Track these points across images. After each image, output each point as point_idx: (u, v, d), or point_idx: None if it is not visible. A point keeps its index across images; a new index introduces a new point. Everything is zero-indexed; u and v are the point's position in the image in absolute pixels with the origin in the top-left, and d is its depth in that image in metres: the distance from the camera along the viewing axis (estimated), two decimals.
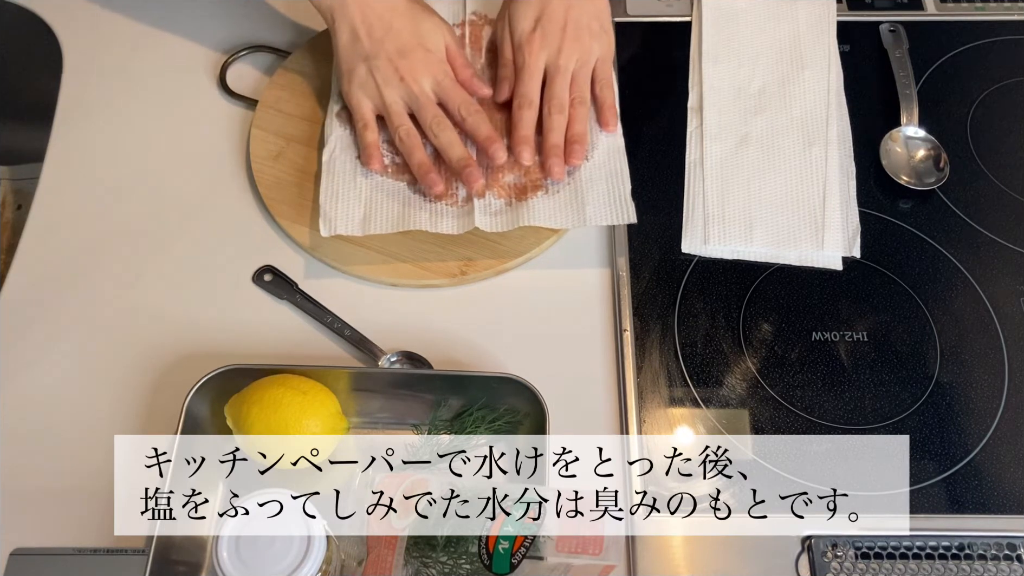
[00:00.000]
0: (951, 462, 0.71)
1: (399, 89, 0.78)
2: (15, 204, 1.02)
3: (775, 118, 0.86)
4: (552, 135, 0.78)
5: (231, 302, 0.77)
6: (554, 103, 0.79)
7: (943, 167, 0.85)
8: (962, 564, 0.66)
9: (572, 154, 0.78)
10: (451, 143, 0.77)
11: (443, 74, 0.79)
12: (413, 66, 0.78)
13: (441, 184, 0.77)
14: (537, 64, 0.80)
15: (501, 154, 0.77)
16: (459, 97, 0.79)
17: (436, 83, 0.79)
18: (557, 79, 0.79)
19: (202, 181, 0.84)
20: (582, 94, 0.80)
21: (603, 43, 0.82)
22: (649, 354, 0.75)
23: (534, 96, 0.79)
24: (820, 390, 0.74)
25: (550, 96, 0.79)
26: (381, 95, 0.78)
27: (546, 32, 0.80)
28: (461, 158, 0.77)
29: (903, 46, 0.92)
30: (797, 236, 0.80)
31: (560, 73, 0.79)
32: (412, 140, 0.78)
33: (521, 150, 0.77)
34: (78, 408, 0.72)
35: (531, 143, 0.78)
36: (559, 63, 0.79)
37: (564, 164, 0.77)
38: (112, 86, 0.89)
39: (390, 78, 0.77)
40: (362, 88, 0.78)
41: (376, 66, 0.77)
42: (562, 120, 0.78)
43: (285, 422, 0.64)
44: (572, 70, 0.80)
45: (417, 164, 0.77)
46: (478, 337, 0.76)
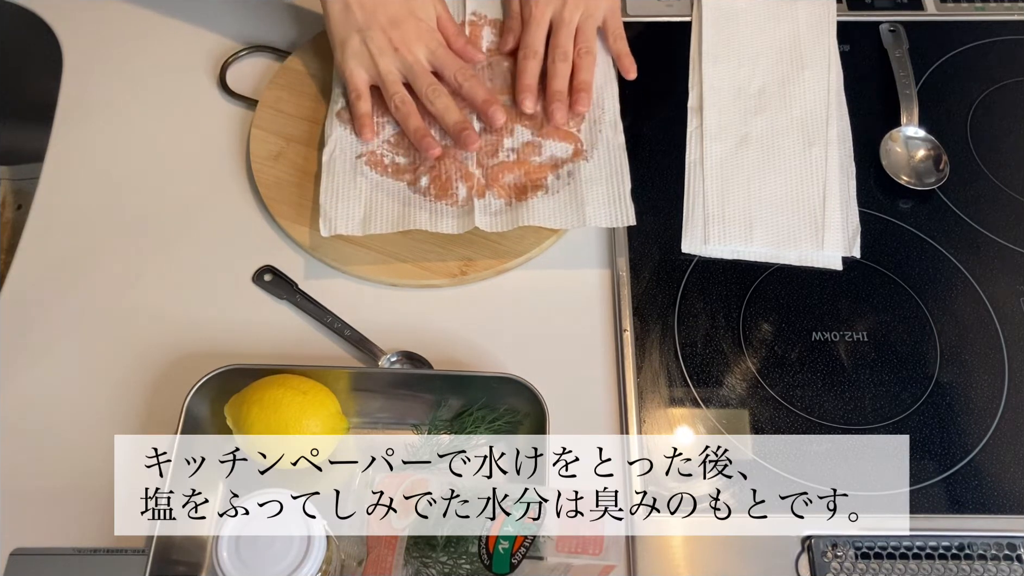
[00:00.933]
0: (951, 462, 0.71)
1: (394, 59, 0.79)
2: (15, 204, 1.02)
3: (775, 118, 0.86)
4: (555, 81, 0.80)
5: (231, 302, 0.77)
6: (558, 52, 0.81)
7: (943, 167, 0.85)
8: (962, 564, 0.66)
9: (578, 101, 0.80)
10: (447, 108, 0.79)
11: (436, 43, 0.81)
12: (406, 36, 0.79)
13: (439, 147, 0.78)
14: (543, 16, 0.82)
15: (500, 116, 0.79)
16: (454, 64, 0.80)
17: (430, 52, 0.80)
18: (562, 30, 0.82)
19: (202, 181, 0.84)
20: (588, 44, 0.82)
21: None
22: (649, 354, 0.75)
23: (538, 47, 0.82)
24: (820, 390, 0.74)
25: (554, 46, 0.82)
26: (376, 65, 0.79)
27: None
28: (458, 122, 0.78)
29: (903, 46, 0.92)
30: (797, 236, 0.80)
31: (565, 24, 0.82)
32: (408, 107, 0.79)
33: (524, 97, 0.80)
34: (78, 408, 0.72)
35: (535, 92, 0.81)
36: (564, 16, 0.82)
37: (567, 110, 0.80)
38: (112, 86, 0.89)
39: (384, 48, 0.78)
40: (356, 58, 0.79)
41: (370, 37, 0.78)
42: (565, 68, 0.81)
43: (285, 422, 0.64)
44: (577, 22, 0.82)
45: (414, 129, 0.79)
46: (478, 337, 0.76)
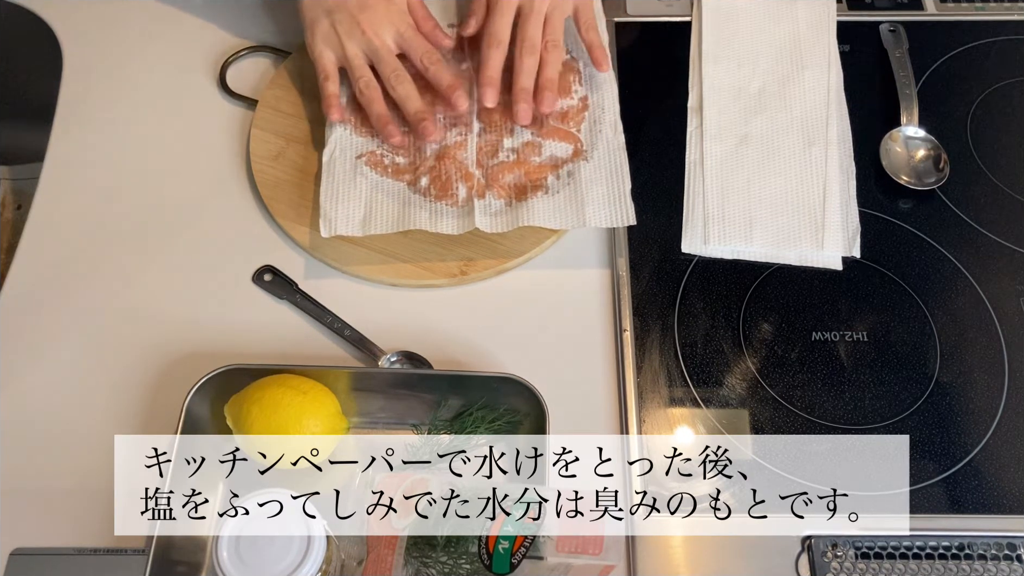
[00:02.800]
0: (951, 462, 0.71)
1: (361, 42, 0.79)
2: (15, 204, 1.02)
3: (775, 118, 0.86)
4: (522, 77, 0.78)
5: (231, 302, 0.77)
6: (525, 44, 0.78)
7: (943, 167, 0.85)
8: (962, 564, 0.66)
9: (542, 101, 0.78)
10: (408, 96, 0.78)
11: (405, 25, 0.80)
12: (374, 19, 0.79)
13: (399, 135, 0.78)
14: (509, 4, 0.79)
15: (463, 101, 0.78)
16: (421, 47, 0.80)
17: (398, 34, 0.80)
18: (531, 18, 0.78)
19: (202, 181, 0.84)
20: (555, 37, 0.79)
21: None
22: (649, 354, 0.75)
23: (503, 35, 0.79)
24: (820, 390, 0.74)
25: (522, 37, 0.78)
26: (343, 47, 0.79)
27: None
28: (418, 111, 0.78)
29: (903, 46, 0.92)
30: (797, 236, 0.80)
31: (534, 13, 0.78)
32: (372, 92, 0.79)
33: (485, 91, 0.78)
34: (78, 408, 0.72)
35: (496, 85, 0.78)
36: (533, 3, 0.79)
37: (531, 110, 0.77)
38: (112, 86, 0.89)
39: (352, 31, 0.78)
40: (325, 41, 0.79)
41: (338, 19, 0.78)
42: (532, 63, 0.78)
43: (285, 422, 0.64)
44: (545, 12, 0.79)
45: (376, 115, 0.78)
46: (478, 337, 0.76)
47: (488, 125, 0.82)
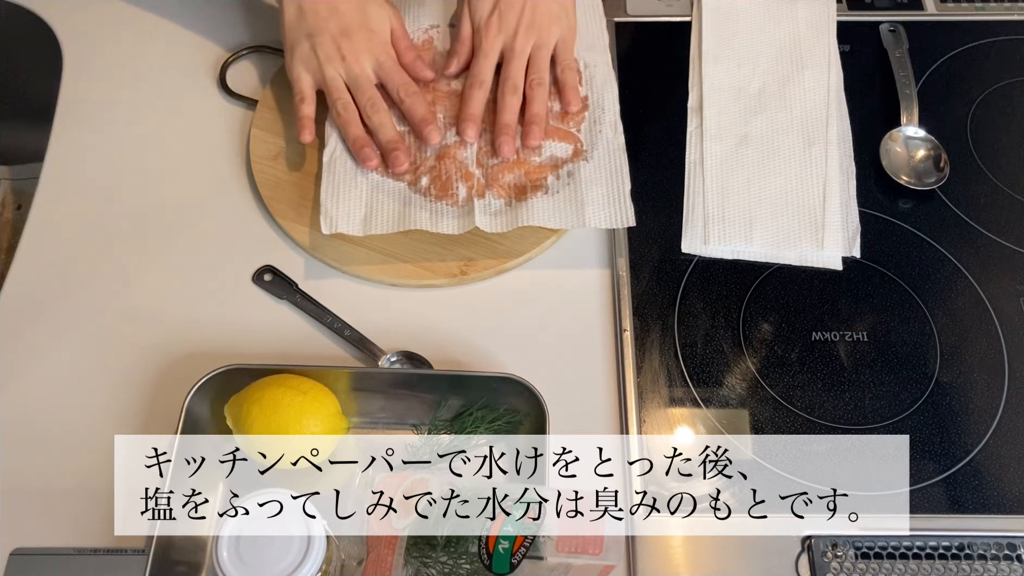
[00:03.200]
0: (951, 462, 0.71)
1: (340, 67, 0.79)
2: (15, 204, 1.02)
3: (775, 118, 0.86)
4: (504, 114, 0.79)
5: (231, 302, 0.77)
6: (508, 84, 0.80)
7: (943, 167, 0.85)
8: (962, 564, 0.66)
9: (528, 135, 0.79)
10: (382, 124, 0.79)
11: (385, 56, 0.80)
12: (355, 46, 0.79)
13: (375, 159, 0.78)
14: (493, 47, 0.81)
15: (435, 136, 0.79)
16: (399, 79, 0.80)
17: (377, 64, 0.80)
18: (513, 61, 0.81)
19: (202, 181, 0.84)
20: (540, 75, 0.81)
21: (563, 26, 0.83)
22: (649, 354, 0.75)
23: (485, 77, 0.81)
24: (820, 390, 0.74)
25: (504, 78, 0.81)
26: (322, 71, 0.79)
27: (504, 16, 0.81)
28: (390, 140, 0.78)
29: (903, 46, 0.92)
30: (797, 236, 0.80)
31: (516, 56, 0.81)
32: (349, 114, 0.79)
33: (466, 127, 0.79)
34: (78, 408, 0.72)
35: (477, 122, 0.80)
36: (515, 46, 0.81)
37: (514, 143, 0.79)
38: (112, 86, 0.89)
39: (332, 56, 0.79)
40: (303, 63, 0.79)
41: (319, 43, 0.79)
42: (515, 101, 0.80)
43: (285, 422, 0.64)
44: (528, 53, 0.81)
45: (352, 139, 0.79)
46: (478, 337, 0.76)
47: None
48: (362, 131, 0.79)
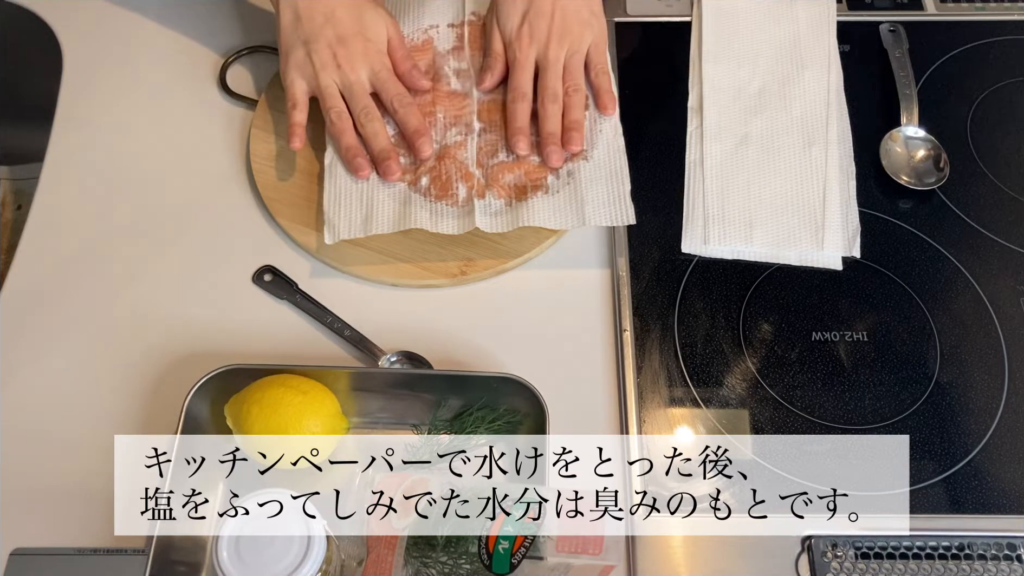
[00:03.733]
0: (951, 462, 0.71)
1: (335, 75, 0.79)
2: (15, 204, 1.03)
3: (775, 118, 0.86)
4: (547, 123, 0.79)
5: (231, 302, 0.77)
6: (547, 93, 0.80)
7: (943, 167, 0.85)
8: (962, 564, 0.66)
9: (569, 140, 0.79)
10: (376, 134, 0.78)
11: (380, 65, 0.80)
12: (351, 54, 0.79)
13: (368, 168, 0.78)
14: (528, 59, 0.81)
15: (427, 148, 0.79)
16: (394, 89, 0.80)
17: (373, 73, 0.80)
18: (549, 71, 0.81)
19: (202, 181, 0.84)
20: (576, 82, 0.81)
21: (595, 29, 0.82)
22: (649, 354, 0.75)
23: (527, 88, 0.81)
24: (820, 390, 0.74)
25: (543, 87, 0.80)
26: (317, 78, 0.79)
27: (534, 26, 0.81)
28: (383, 150, 0.78)
29: (903, 46, 0.92)
30: (797, 236, 0.80)
31: (552, 65, 0.81)
32: (343, 123, 0.79)
33: (516, 141, 0.79)
34: (78, 408, 0.72)
35: (527, 134, 0.80)
36: (549, 55, 0.81)
37: (562, 151, 0.79)
38: (112, 86, 0.89)
39: (327, 63, 0.78)
40: (298, 69, 0.79)
41: (315, 49, 0.78)
42: (556, 109, 0.80)
43: (285, 422, 0.64)
44: (564, 60, 0.81)
45: (345, 147, 0.78)
46: (478, 337, 0.76)
47: (488, 125, 0.82)
48: (355, 140, 0.79)
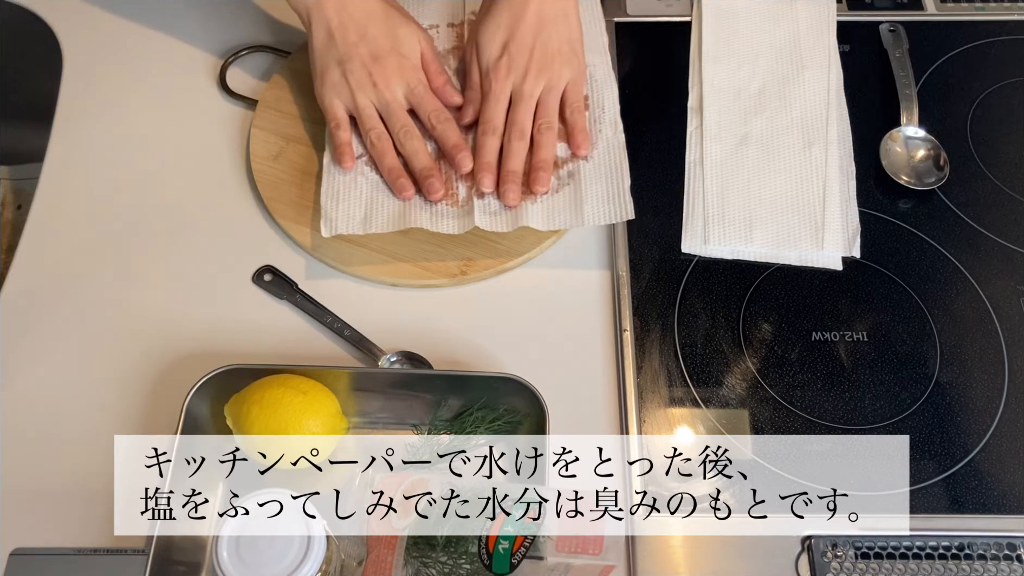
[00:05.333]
0: (951, 462, 0.71)
1: (372, 94, 0.78)
2: (15, 204, 1.02)
3: (775, 118, 0.86)
4: (510, 161, 0.77)
5: (231, 302, 0.77)
6: (515, 130, 0.78)
7: (943, 167, 0.85)
8: (962, 564, 0.66)
9: (536, 180, 0.77)
10: (416, 152, 0.78)
11: (416, 81, 0.79)
12: (386, 72, 0.78)
13: (411, 189, 0.77)
14: (503, 90, 0.79)
15: (468, 163, 0.77)
16: (431, 105, 0.79)
17: (409, 90, 0.79)
18: (520, 105, 0.79)
19: (202, 181, 0.84)
20: (549, 119, 0.79)
21: (574, 67, 0.81)
22: (649, 354, 0.75)
23: (498, 122, 0.79)
24: (820, 390, 0.74)
25: (511, 123, 0.79)
26: (354, 98, 0.78)
27: (513, 58, 0.79)
28: (424, 167, 0.77)
29: (903, 46, 0.92)
30: (797, 236, 0.80)
31: (524, 100, 0.79)
32: (384, 144, 0.78)
33: (482, 177, 0.77)
34: (78, 408, 0.72)
35: (493, 171, 0.77)
36: (523, 89, 0.79)
37: (520, 192, 0.77)
38: (112, 86, 0.89)
39: (363, 82, 0.78)
40: (334, 90, 0.78)
41: (350, 69, 0.77)
42: (521, 146, 0.78)
43: (285, 422, 0.64)
44: (538, 96, 0.79)
45: (388, 168, 0.78)
46: (478, 337, 0.76)
47: None
48: (397, 161, 0.78)
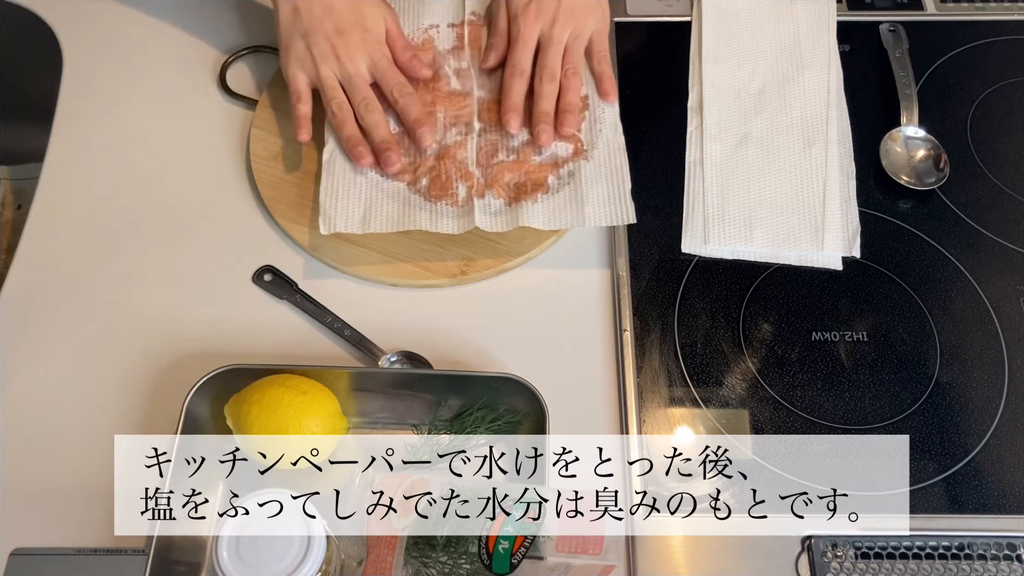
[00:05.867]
0: (951, 462, 0.71)
1: (335, 66, 0.79)
2: (15, 204, 1.03)
3: (775, 118, 0.86)
4: (542, 102, 0.80)
5: (231, 302, 0.77)
6: (545, 72, 0.81)
7: (943, 167, 0.85)
8: (962, 564, 0.66)
9: (564, 122, 0.80)
10: (376, 125, 0.79)
11: (380, 55, 0.81)
12: (349, 46, 0.79)
13: (369, 157, 0.78)
14: (531, 35, 0.82)
15: (428, 137, 0.79)
16: (394, 79, 0.80)
17: (372, 63, 0.80)
18: (550, 50, 0.81)
19: (202, 181, 0.84)
20: (575, 65, 0.82)
21: (598, 17, 0.84)
22: (649, 354, 0.75)
23: (526, 65, 0.81)
24: (820, 390, 0.74)
25: (542, 66, 0.81)
26: (317, 70, 0.79)
27: (541, 5, 0.82)
28: (383, 140, 0.78)
29: (903, 46, 0.92)
30: (797, 236, 0.80)
31: (553, 44, 0.81)
32: (344, 114, 0.79)
33: (510, 118, 0.80)
34: (78, 408, 0.72)
35: (520, 111, 0.80)
36: (552, 35, 0.81)
37: (553, 132, 0.79)
38: (112, 86, 0.89)
39: (327, 55, 0.79)
40: (299, 62, 0.80)
41: (314, 42, 0.79)
42: (552, 88, 0.80)
43: (285, 422, 0.64)
44: (566, 42, 0.82)
45: (346, 137, 0.79)
46: (478, 337, 0.76)
47: (488, 125, 0.82)
48: (356, 130, 0.79)
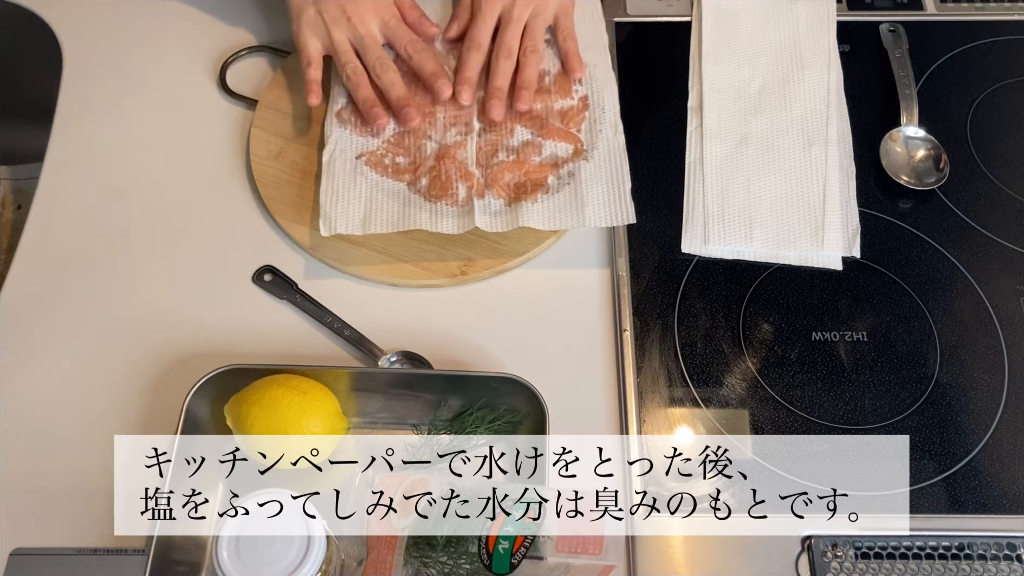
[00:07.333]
0: (951, 462, 0.71)
1: (346, 29, 0.81)
2: (15, 204, 1.03)
3: (775, 118, 0.86)
4: (496, 78, 0.81)
5: (231, 302, 0.77)
6: (502, 49, 0.82)
7: (943, 167, 0.85)
8: (962, 564, 0.66)
9: (519, 98, 0.81)
10: (392, 83, 0.80)
11: (390, 15, 0.82)
12: (360, 8, 0.81)
13: (386, 117, 0.80)
14: (491, 11, 0.83)
15: (446, 90, 0.81)
16: (406, 36, 0.82)
17: (383, 23, 0.82)
18: (509, 27, 0.82)
19: (202, 181, 0.84)
20: (534, 43, 0.83)
21: None
22: (649, 354, 0.75)
23: (483, 40, 0.82)
24: (820, 390, 0.74)
25: (500, 43, 0.82)
26: (329, 34, 0.80)
27: None
28: (400, 97, 0.80)
29: (903, 46, 0.92)
30: (797, 236, 0.80)
31: (513, 22, 0.82)
32: (359, 77, 0.81)
33: (462, 90, 0.81)
34: (78, 408, 0.72)
35: (473, 85, 0.81)
36: (512, 13, 0.83)
37: (504, 106, 0.81)
38: (112, 86, 0.89)
39: (338, 18, 0.80)
40: (311, 28, 0.81)
41: (324, 7, 0.80)
42: (508, 65, 0.82)
43: (285, 422, 0.64)
44: (525, 20, 0.83)
45: (363, 99, 0.80)
46: (478, 337, 0.76)
47: (488, 125, 0.82)
48: (372, 93, 0.80)
